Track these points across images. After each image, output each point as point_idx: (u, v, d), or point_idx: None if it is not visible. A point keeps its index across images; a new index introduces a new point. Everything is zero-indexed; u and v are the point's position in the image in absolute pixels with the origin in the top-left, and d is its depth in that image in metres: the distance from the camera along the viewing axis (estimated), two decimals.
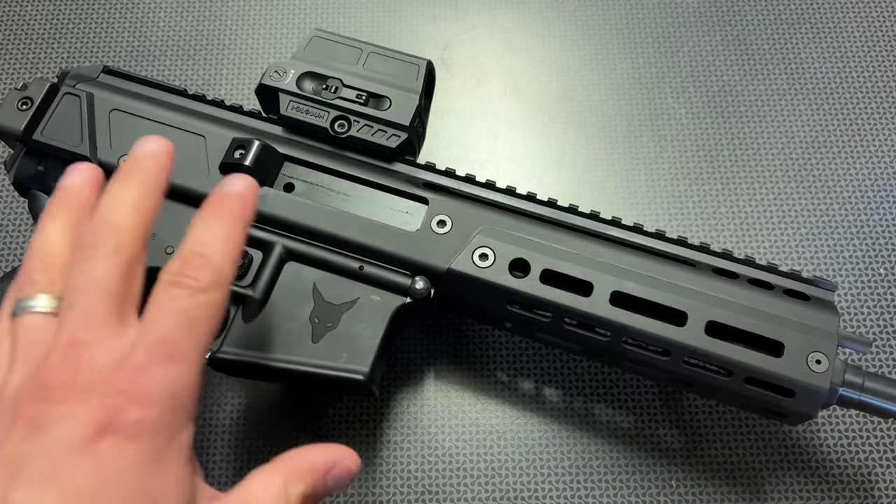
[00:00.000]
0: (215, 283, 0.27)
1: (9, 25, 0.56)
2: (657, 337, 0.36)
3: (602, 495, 0.42)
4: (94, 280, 0.27)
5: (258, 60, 0.55)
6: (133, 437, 0.24)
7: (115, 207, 0.28)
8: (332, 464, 0.29)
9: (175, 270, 0.27)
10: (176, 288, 0.27)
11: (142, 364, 0.25)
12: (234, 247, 0.29)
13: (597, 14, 0.57)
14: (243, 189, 0.30)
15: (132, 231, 0.28)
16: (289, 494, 0.28)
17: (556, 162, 0.52)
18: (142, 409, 0.25)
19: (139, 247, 0.28)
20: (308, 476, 0.29)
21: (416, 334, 0.46)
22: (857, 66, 0.55)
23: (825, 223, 0.49)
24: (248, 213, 0.30)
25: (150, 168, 0.29)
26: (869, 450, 0.43)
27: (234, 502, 0.27)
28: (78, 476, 0.24)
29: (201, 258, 0.28)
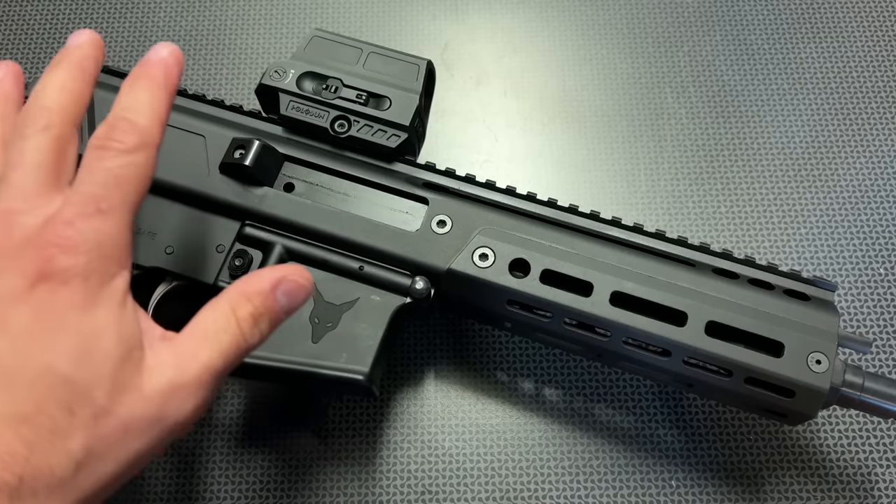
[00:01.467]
0: (141, 144, 0.29)
1: (9, 25, 0.56)
2: (657, 337, 0.36)
3: (602, 495, 0.42)
4: (25, 154, 0.29)
5: (258, 60, 0.55)
6: (64, 282, 0.26)
7: (45, 92, 0.30)
8: (278, 280, 0.30)
9: (101, 135, 0.29)
10: (103, 150, 0.28)
11: (69, 218, 0.27)
12: (159, 110, 0.30)
13: (597, 14, 0.57)
14: (166, 55, 0.31)
15: (61, 111, 0.30)
16: (237, 315, 0.29)
17: (556, 162, 0.52)
18: (71, 256, 0.27)
19: (69, 127, 0.30)
20: (255, 297, 0.30)
21: (416, 334, 0.46)
22: (857, 66, 0.55)
23: (825, 223, 0.49)
24: (172, 78, 0.31)
25: (77, 56, 0.31)
26: (869, 450, 0.43)
27: (185, 334, 0.29)
28: (19, 320, 0.26)
29: (126, 122, 0.29)
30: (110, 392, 0.26)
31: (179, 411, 0.27)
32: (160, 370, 0.27)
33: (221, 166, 0.40)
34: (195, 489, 0.42)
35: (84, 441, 0.25)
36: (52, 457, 0.25)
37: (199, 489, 0.42)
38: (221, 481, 0.42)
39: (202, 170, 0.40)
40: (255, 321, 0.29)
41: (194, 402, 0.28)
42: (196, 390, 0.28)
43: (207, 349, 0.28)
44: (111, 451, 0.26)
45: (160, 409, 0.27)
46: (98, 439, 0.26)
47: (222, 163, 0.39)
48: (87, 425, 0.26)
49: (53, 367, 0.26)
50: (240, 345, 0.29)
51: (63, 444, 0.25)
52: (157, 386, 0.27)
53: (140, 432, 0.27)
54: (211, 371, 0.28)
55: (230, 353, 0.29)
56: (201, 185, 0.40)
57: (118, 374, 0.27)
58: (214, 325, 0.29)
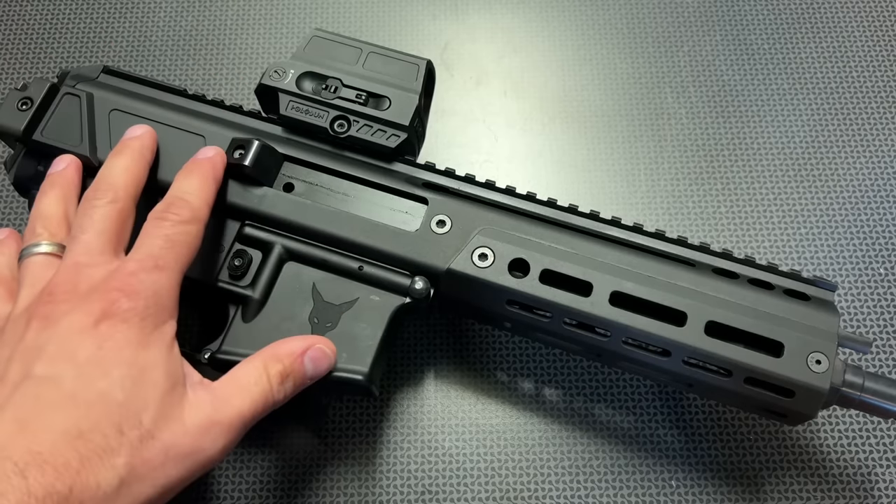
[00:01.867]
0: (193, 218, 0.35)
1: (9, 25, 0.56)
2: (657, 337, 0.36)
3: (602, 495, 0.42)
4: (94, 221, 0.34)
5: (258, 60, 0.55)
6: (125, 321, 0.30)
7: (111, 171, 0.36)
8: (306, 347, 0.35)
9: (161, 209, 0.35)
10: (161, 220, 0.34)
11: (132, 270, 0.32)
12: (208, 194, 0.36)
13: (597, 14, 0.57)
14: (214, 154, 0.38)
15: (125, 188, 0.36)
16: (269, 372, 0.33)
17: (556, 162, 0.52)
18: (131, 300, 0.31)
19: (131, 201, 0.36)
20: (285, 358, 0.34)
21: (416, 334, 0.46)
22: (857, 66, 0.55)
23: (825, 223, 0.49)
24: (219, 172, 0.38)
25: (137, 145, 0.38)
26: (869, 450, 0.43)
27: (222, 382, 0.33)
28: (83, 351, 0.29)
29: (182, 200, 0.35)
30: (156, 418, 0.29)
31: (212, 447, 0.31)
32: (199, 407, 0.31)
33: None
34: (195, 489, 0.42)
35: (129, 460, 0.28)
36: (100, 472, 0.27)
37: (198, 489, 0.42)
38: (221, 481, 0.42)
39: None
40: (283, 380, 0.34)
41: (224, 441, 0.31)
42: (227, 431, 0.31)
43: (240, 397, 0.32)
44: (151, 474, 0.29)
45: (197, 441, 0.30)
46: (141, 460, 0.28)
47: None
48: (133, 445, 0.28)
49: (110, 392, 0.29)
50: (267, 398, 0.33)
51: (111, 460, 0.28)
52: (196, 420, 0.30)
53: (177, 460, 0.30)
54: (241, 416, 0.32)
55: (258, 404, 0.33)
56: None
57: (164, 403, 0.30)
58: (248, 378, 0.33)
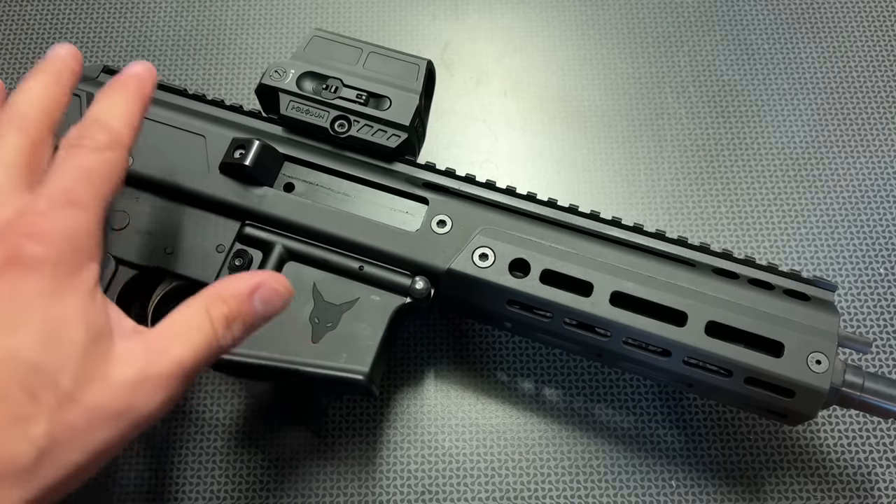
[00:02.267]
0: (112, 144, 0.30)
1: (9, 25, 0.56)
2: (657, 337, 0.36)
3: (602, 495, 0.42)
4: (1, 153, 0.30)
5: (258, 60, 0.55)
6: (33, 270, 0.27)
7: (23, 96, 0.32)
8: (256, 286, 0.30)
9: (74, 134, 0.30)
10: (75, 148, 0.30)
11: (42, 210, 0.28)
12: (131, 115, 0.32)
13: (597, 14, 0.57)
14: (141, 70, 0.33)
15: (37, 117, 0.31)
16: (211, 316, 0.29)
17: (556, 162, 0.52)
18: (40, 245, 0.27)
19: (44, 131, 0.31)
20: (231, 299, 0.30)
21: (416, 334, 0.46)
22: (857, 66, 0.55)
23: (825, 223, 0.49)
24: (146, 89, 0.33)
25: (55, 66, 0.33)
26: (869, 450, 0.43)
27: (158, 329, 0.29)
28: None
29: (98, 123, 0.31)
30: (76, 379, 0.26)
31: (146, 404, 0.27)
32: (129, 361, 0.27)
33: (221, 166, 0.40)
34: (194, 488, 0.42)
35: (47, 427, 0.25)
36: (14, 443, 0.25)
37: (197, 488, 0.42)
38: (221, 481, 0.42)
39: (202, 170, 0.40)
40: (229, 323, 0.30)
41: (161, 396, 0.28)
42: (164, 384, 0.28)
43: (179, 345, 0.28)
44: (75, 439, 0.26)
45: (127, 399, 0.27)
46: (62, 426, 0.25)
47: (222, 163, 0.39)
48: (51, 411, 0.25)
49: (18, 352, 0.26)
50: (211, 345, 0.29)
51: (25, 430, 0.25)
52: (125, 376, 0.27)
53: (105, 422, 0.26)
54: (181, 367, 0.28)
55: (201, 352, 0.29)
56: (201, 184, 0.40)
57: (85, 361, 0.26)
58: (187, 323, 0.29)
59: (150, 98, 0.33)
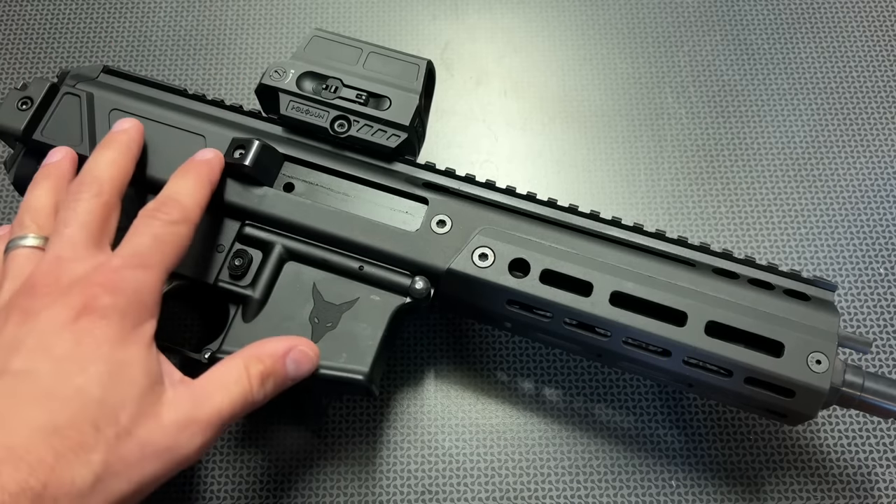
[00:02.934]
0: (183, 219, 0.34)
1: (9, 25, 0.56)
2: (657, 337, 0.36)
3: (602, 495, 0.42)
4: (78, 214, 0.33)
5: (258, 60, 0.55)
6: (104, 317, 0.30)
7: (97, 164, 0.36)
8: (288, 348, 0.35)
9: (152, 207, 0.34)
10: (151, 218, 0.34)
11: (116, 267, 0.32)
12: (201, 196, 0.36)
13: (597, 14, 0.57)
14: (212, 157, 0.38)
15: (110, 181, 0.35)
16: (249, 372, 0.33)
17: (556, 162, 0.52)
18: (112, 296, 0.31)
19: (116, 195, 0.35)
20: (267, 358, 0.34)
21: (416, 334, 0.46)
22: (857, 66, 0.55)
23: (825, 223, 0.49)
24: (215, 175, 0.37)
25: (124, 139, 0.38)
26: (869, 450, 0.43)
27: (202, 381, 0.32)
28: (62, 346, 0.29)
29: (173, 200, 0.35)
30: (133, 416, 0.29)
31: (189, 444, 0.30)
32: (178, 405, 0.31)
33: None
34: (195, 489, 0.42)
35: (105, 457, 0.28)
36: (75, 468, 0.27)
37: (198, 489, 0.42)
38: (221, 481, 0.42)
39: None
40: (263, 380, 0.33)
41: (202, 439, 0.31)
42: (205, 429, 0.31)
43: (220, 395, 0.32)
44: (127, 470, 0.28)
45: (174, 438, 0.30)
46: (117, 457, 0.28)
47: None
48: (109, 443, 0.28)
49: (87, 388, 0.29)
50: (247, 398, 0.33)
51: (87, 457, 0.27)
52: (174, 417, 0.30)
53: (154, 457, 0.29)
54: (220, 415, 0.32)
55: (237, 404, 0.32)
56: None
57: (142, 401, 0.30)
58: (228, 377, 0.33)
59: (217, 182, 0.38)
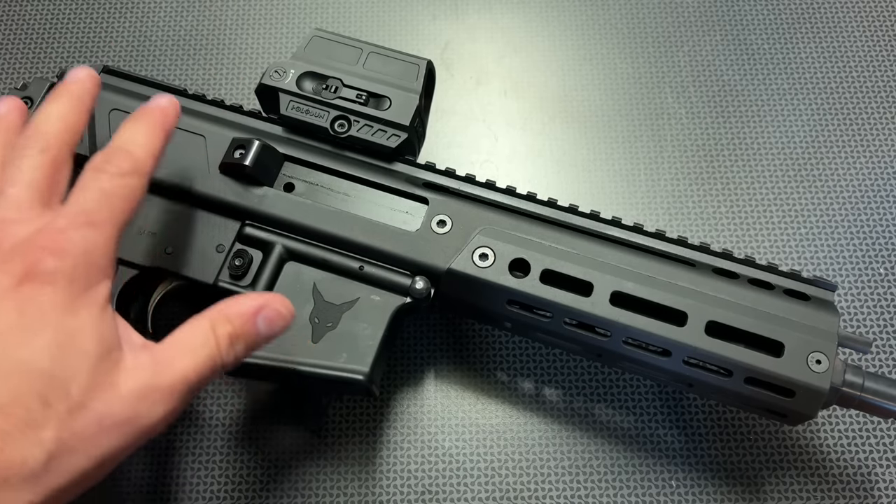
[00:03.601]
0: (134, 171, 0.32)
1: (9, 25, 0.56)
2: (657, 337, 0.36)
3: (602, 495, 0.42)
4: (22, 172, 0.31)
5: (258, 60, 0.55)
6: (49, 283, 0.28)
7: (45, 118, 0.33)
8: (259, 307, 0.32)
9: (99, 160, 0.32)
10: (98, 172, 0.31)
11: (61, 227, 0.29)
12: (154, 145, 0.33)
13: (597, 14, 0.57)
14: (166, 103, 0.35)
15: (57, 136, 0.32)
16: (216, 334, 0.31)
17: (556, 162, 0.52)
18: (57, 259, 0.28)
19: (65, 150, 0.32)
20: (235, 318, 0.31)
21: (416, 334, 0.46)
22: (857, 66, 0.55)
23: (825, 223, 0.49)
24: (169, 122, 0.35)
25: (75, 89, 0.34)
26: (869, 450, 0.43)
27: (165, 344, 0.30)
28: (3, 316, 0.27)
29: (123, 151, 0.32)
30: (86, 388, 0.27)
31: (151, 414, 0.28)
32: (137, 373, 0.29)
33: (221, 166, 0.40)
34: (194, 488, 0.42)
35: (57, 433, 0.26)
36: (24, 447, 0.25)
37: (198, 488, 0.42)
38: (221, 481, 0.42)
39: (202, 170, 0.40)
40: (232, 342, 0.31)
41: (165, 407, 0.29)
42: (168, 396, 0.29)
43: (184, 360, 0.30)
44: (83, 445, 0.27)
45: (134, 408, 0.28)
46: (71, 432, 0.26)
47: (222, 163, 0.39)
48: (61, 418, 0.26)
49: (32, 361, 0.27)
50: (215, 361, 0.30)
51: (36, 434, 0.26)
52: (133, 386, 0.28)
53: (112, 429, 0.27)
54: (185, 381, 0.29)
55: (205, 368, 0.30)
56: (201, 184, 0.40)
57: (96, 371, 0.28)
58: (193, 340, 0.30)
59: (172, 131, 0.35)
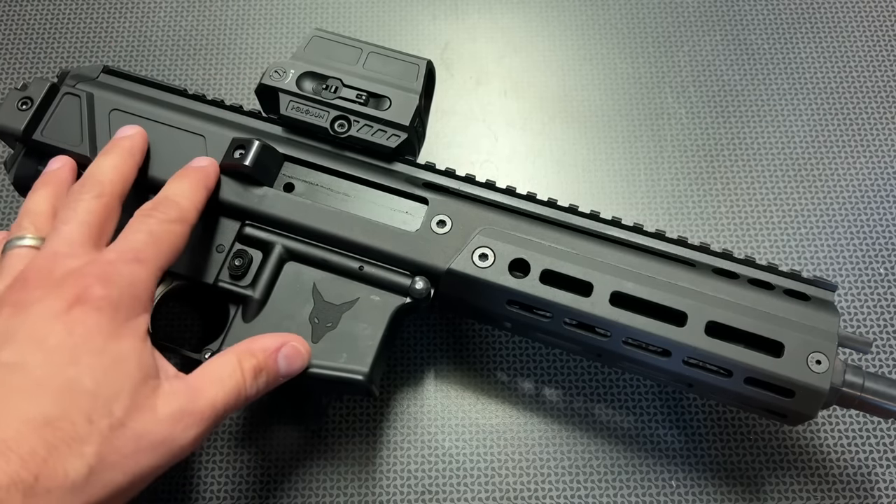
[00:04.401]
0: (180, 218, 0.35)
1: (9, 25, 0.56)
2: (657, 337, 0.36)
3: (602, 495, 0.42)
4: (76, 213, 0.34)
5: (258, 60, 0.55)
6: (97, 309, 0.30)
7: (99, 168, 0.36)
8: (281, 344, 0.35)
9: (149, 206, 0.35)
10: (147, 216, 0.34)
11: (111, 259, 0.32)
12: (198, 198, 0.37)
13: (597, 14, 0.57)
14: (207, 164, 0.38)
15: (112, 184, 0.36)
16: (243, 367, 0.34)
17: (556, 162, 0.52)
18: (105, 288, 0.31)
19: (116, 198, 0.36)
20: (259, 353, 0.34)
21: (416, 334, 0.46)
22: (857, 66, 0.55)
23: (825, 223, 0.49)
24: (211, 181, 0.38)
25: (128, 144, 0.38)
26: (869, 450, 0.43)
27: (196, 375, 0.33)
28: (53, 337, 0.29)
29: (171, 201, 0.35)
30: (127, 408, 0.29)
31: (184, 436, 0.31)
32: (173, 397, 0.31)
33: (221, 166, 0.40)
34: (195, 488, 0.42)
35: (98, 448, 0.28)
36: (67, 460, 0.27)
37: (198, 488, 0.42)
38: (221, 481, 0.42)
39: None
40: (256, 375, 0.34)
41: (196, 430, 0.31)
42: (200, 421, 0.31)
43: (213, 388, 0.32)
44: (122, 462, 0.28)
45: (169, 430, 0.30)
46: (111, 449, 0.28)
47: (222, 163, 0.39)
48: (103, 434, 0.28)
49: (79, 379, 0.29)
50: (240, 392, 0.33)
51: (79, 449, 0.27)
52: (169, 410, 0.30)
53: (149, 449, 0.29)
54: (214, 408, 0.32)
55: (231, 397, 0.33)
56: None
57: (136, 393, 0.30)
58: (222, 371, 0.33)
59: (213, 189, 0.38)
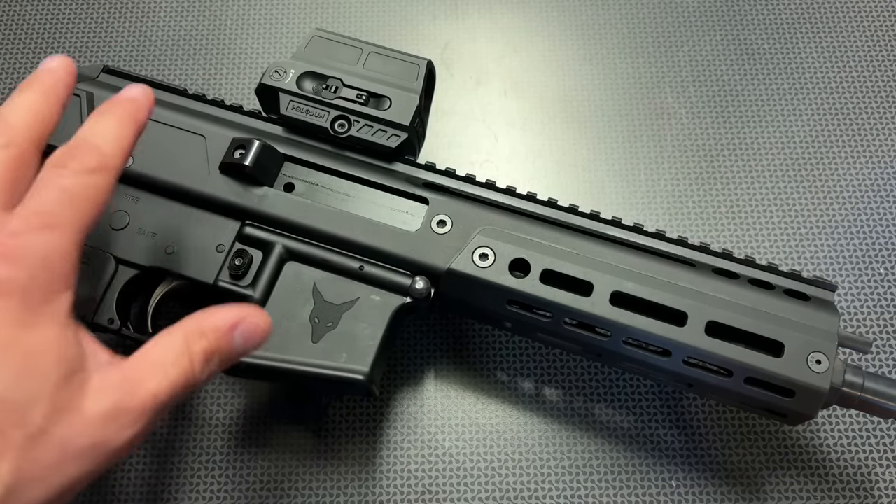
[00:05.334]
0: (100, 167, 0.29)
1: (9, 25, 0.56)
2: (657, 337, 0.36)
3: (602, 495, 0.42)
4: None
5: (258, 60, 0.55)
6: (3, 294, 0.25)
7: (12, 110, 0.30)
8: (236, 321, 0.29)
9: (61, 154, 0.29)
10: (60, 168, 0.28)
11: (16, 230, 0.26)
12: (124, 140, 0.30)
13: (597, 14, 0.57)
14: (139, 93, 0.32)
15: (24, 130, 0.29)
16: (191, 350, 0.28)
17: (556, 162, 0.52)
18: (11, 268, 0.25)
19: (32, 146, 0.29)
20: (210, 333, 0.29)
21: (416, 334, 0.46)
22: (857, 66, 0.55)
23: (825, 223, 0.49)
24: (142, 114, 0.31)
25: (48, 79, 0.31)
26: (869, 450, 0.43)
27: (135, 360, 0.28)
28: None
29: (87, 144, 0.29)
30: (48, 413, 0.25)
31: (119, 437, 0.26)
32: (104, 393, 0.26)
33: (222, 166, 0.40)
34: (195, 488, 0.42)
35: (16, 464, 0.24)
36: None
37: (199, 488, 0.42)
38: (221, 481, 0.42)
39: (202, 170, 0.40)
40: (207, 359, 0.29)
41: (134, 429, 0.26)
42: (139, 418, 0.27)
43: (156, 379, 0.27)
44: (45, 475, 0.25)
45: (100, 432, 0.26)
46: (31, 462, 0.24)
47: (222, 163, 0.39)
48: (18, 447, 0.24)
49: None
50: (188, 380, 0.28)
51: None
52: (99, 409, 0.26)
53: (77, 456, 0.25)
54: (156, 401, 0.27)
55: (177, 387, 0.28)
56: (201, 184, 0.40)
57: (57, 394, 0.25)
58: (165, 356, 0.28)
59: (146, 123, 0.32)
